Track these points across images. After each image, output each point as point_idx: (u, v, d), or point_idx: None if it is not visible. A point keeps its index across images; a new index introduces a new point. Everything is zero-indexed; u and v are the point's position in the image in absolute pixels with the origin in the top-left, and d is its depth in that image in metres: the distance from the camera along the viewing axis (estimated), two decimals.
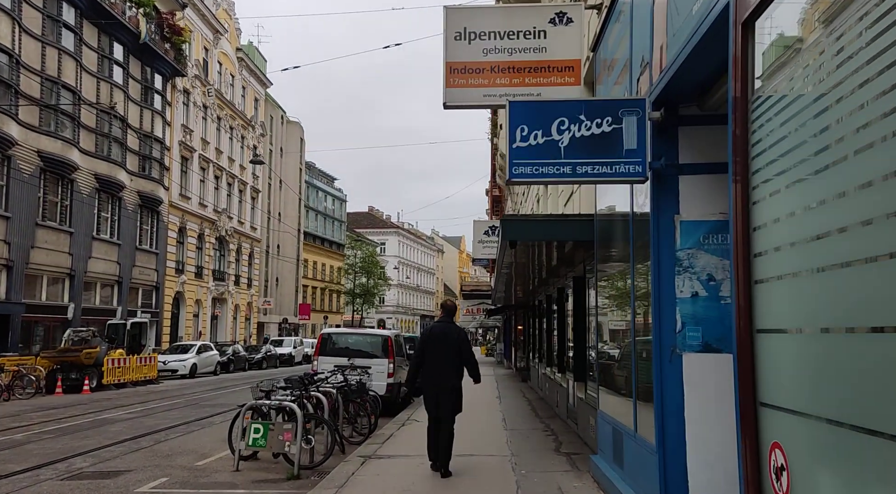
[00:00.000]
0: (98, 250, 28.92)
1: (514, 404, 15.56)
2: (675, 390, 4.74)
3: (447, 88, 7.94)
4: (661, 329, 4.81)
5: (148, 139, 32.67)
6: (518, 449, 9.05)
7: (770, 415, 2.93)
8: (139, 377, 22.49)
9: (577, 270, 9.99)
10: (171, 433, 11.42)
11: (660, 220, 4.86)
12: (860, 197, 2.23)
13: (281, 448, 8.23)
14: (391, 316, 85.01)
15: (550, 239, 7.61)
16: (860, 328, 2.24)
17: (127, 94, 30.73)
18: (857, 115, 2.26)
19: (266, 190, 51.07)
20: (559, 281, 12.08)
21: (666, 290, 4.82)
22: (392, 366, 14.44)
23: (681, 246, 4.83)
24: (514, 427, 11.31)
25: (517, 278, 13.63)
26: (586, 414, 9.31)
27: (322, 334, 15.12)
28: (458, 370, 7.62)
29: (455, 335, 7.69)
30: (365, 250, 70.55)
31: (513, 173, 4.85)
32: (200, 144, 38.98)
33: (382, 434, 10.73)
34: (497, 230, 23.44)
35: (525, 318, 23.63)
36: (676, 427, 4.70)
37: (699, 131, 4.83)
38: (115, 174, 29.58)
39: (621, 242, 6.31)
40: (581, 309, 9.53)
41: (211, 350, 30.02)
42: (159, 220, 34.39)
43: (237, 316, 45.14)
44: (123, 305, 30.59)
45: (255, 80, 48.74)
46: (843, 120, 2.36)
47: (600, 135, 4.76)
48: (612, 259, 6.74)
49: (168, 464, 8.66)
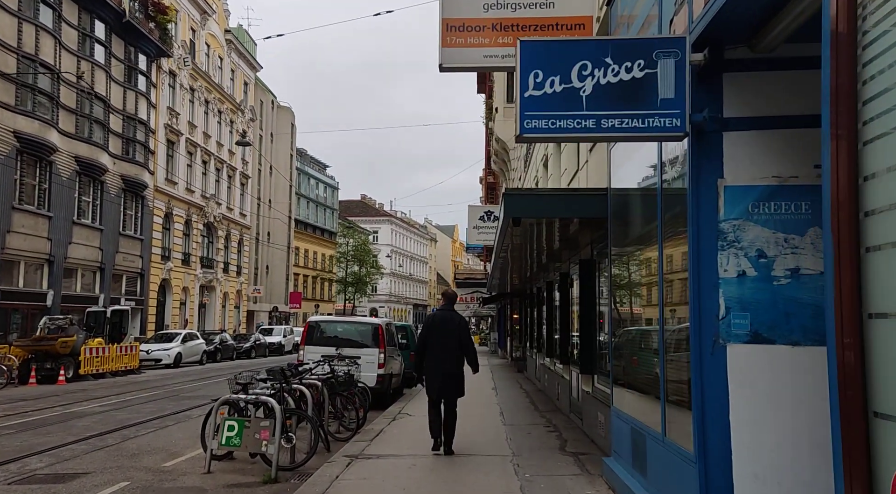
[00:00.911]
0: (79, 236, 27.93)
1: (511, 396, 14.82)
2: (718, 388, 3.95)
3: (444, 48, 7.09)
4: (701, 316, 4.02)
5: (132, 121, 31.59)
6: (519, 448, 8.28)
7: (891, 431, 2.13)
8: (119, 367, 21.61)
9: (583, 252, 9.19)
10: (142, 428, 10.60)
11: (699, 186, 4.06)
12: None
13: (257, 448, 7.42)
14: (383, 305, 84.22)
15: (559, 216, 6.80)
16: None
17: (109, 74, 29.63)
18: None
19: (256, 176, 50.02)
20: (562, 266, 11.29)
21: (707, 269, 4.02)
22: (383, 356, 13.64)
23: (725, 217, 4.02)
24: (514, 422, 10.55)
25: (514, 264, 12.83)
26: (594, 410, 8.54)
27: (309, 322, 14.28)
28: (459, 355, 8.04)
29: (456, 323, 8.14)
30: (357, 238, 69.63)
31: (524, 128, 4.03)
32: (187, 127, 37.89)
33: (372, 430, 9.95)
34: (492, 216, 22.62)
35: (521, 306, 22.87)
36: (720, 433, 3.92)
37: (749, 79, 4.02)
38: (96, 157, 28.53)
39: (644, 216, 5.50)
40: (589, 296, 8.73)
41: (197, 339, 29.15)
42: (144, 205, 33.37)
43: (226, 304, 44.23)
44: (106, 292, 29.64)
45: (245, 63, 47.57)
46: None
47: (630, 82, 3.94)
48: (630, 237, 5.93)
49: (132, 465, 7.84)
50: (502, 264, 13.24)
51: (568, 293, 10.82)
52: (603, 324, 7.63)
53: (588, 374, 8.80)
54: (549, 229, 8.76)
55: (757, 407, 3.89)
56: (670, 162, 4.59)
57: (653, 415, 4.99)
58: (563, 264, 11.27)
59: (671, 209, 4.64)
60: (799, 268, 3.91)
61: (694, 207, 4.07)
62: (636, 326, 5.74)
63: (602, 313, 7.72)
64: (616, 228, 6.39)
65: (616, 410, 6.21)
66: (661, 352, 4.70)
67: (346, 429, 10.38)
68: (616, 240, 6.37)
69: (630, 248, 5.97)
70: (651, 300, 5.21)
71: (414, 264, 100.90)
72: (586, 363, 8.76)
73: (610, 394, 6.66)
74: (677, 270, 4.52)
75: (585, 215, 6.68)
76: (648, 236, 5.27)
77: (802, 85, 3.81)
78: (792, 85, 3.93)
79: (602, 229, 7.69)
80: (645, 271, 5.48)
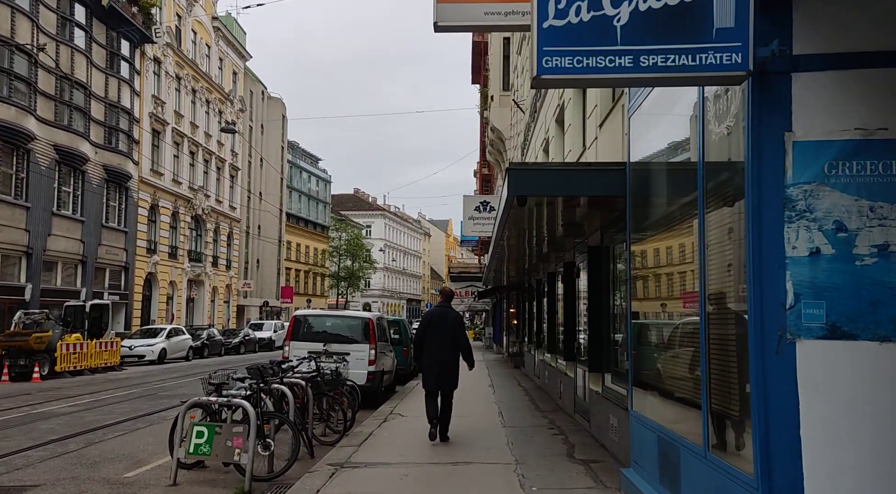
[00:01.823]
0: (59, 227, 26.92)
1: (509, 394, 14.03)
2: (785, 395, 3.14)
3: (439, 3, 6.23)
4: (763, 306, 3.21)
5: (114, 109, 30.54)
6: (523, 454, 7.47)
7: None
8: (99, 364, 20.68)
9: (592, 239, 8.37)
10: (109, 432, 9.73)
11: (761, 142, 3.24)
12: None
13: (229, 457, 6.58)
14: (377, 300, 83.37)
15: (571, 194, 5.98)
16: None
17: (90, 59, 28.57)
18: None
19: (246, 168, 48.98)
20: (566, 255, 10.48)
21: (770, 247, 3.21)
22: (374, 352, 12.81)
23: (793, 180, 3.21)
24: (514, 424, 9.75)
25: (513, 253, 12.01)
26: (604, 411, 7.74)
27: (294, 316, 13.42)
28: (454, 349, 8.40)
29: (452, 319, 8.53)
30: (350, 232, 68.70)
31: (543, 68, 3.19)
32: (174, 116, 36.84)
33: (360, 433, 9.13)
34: (488, 206, 21.78)
35: (519, 300, 22.07)
36: (788, 452, 3.12)
37: (826, 6, 3.19)
38: (77, 146, 27.50)
39: (675, 190, 4.69)
40: (597, 286, 7.93)
41: (182, 334, 28.20)
42: (128, 196, 32.35)
43: (215, 299, 43.26)
44: (88, 286, 28.66)
45: (234, 52, 46.47)
46: None
47: (678, 6, 3.11)
48: (656, 217, 5.12)
49: (89, 476, 6.99)
50: (500, 255, 12.42)
51: (573, 284, 10.02)
52: (617, 317, 6.82)
53: (597, 372, 8.00)
54: (552, 213, 7.93)
55: (835, 420, 3.09)
56: (717, 117, 3.76)
57: (690, 424, 4.19)
58: (567, 252, 10.46)
59: (717, 177, 3.83)
60: (889, 244, 3.11)
61: (754, 169, 3.25)
62: (664, 319, 4.93)
63: (615, 305, 6.90)
64: (637, 207, 5.57)
65: (637, 415, 5.41)
66: (704, 350, 3.89)
67: (332, 431, 9.56)
68: (637, 221, 5.55)
69: (655, 229, 5.16)
70: (686, 288, 4.40)
71: (408, 258, 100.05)
72: (595, 360, 7.95)
73: (627, 396, 5.86)
74: (725, 250, 3.70)
75: (601, 192, 5.86)
76: (682, 214, 4.45)
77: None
78: (881, 13, 3.11)
79: (614, 210, 6.87)
80: (676, 255, 4.67)
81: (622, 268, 6.62)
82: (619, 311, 6.79)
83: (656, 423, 4.89)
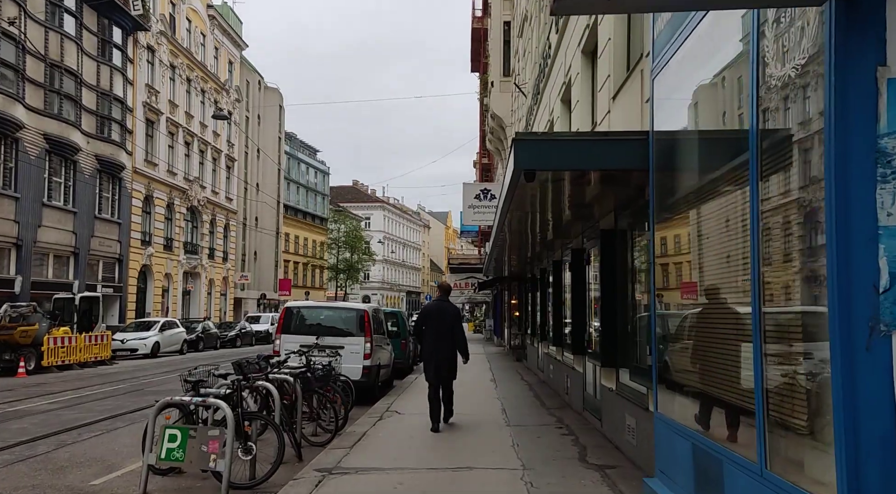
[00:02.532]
0: (49, 218, 26.24)
1: (512, 389, 13.37)
2: (879, 402, 2.46)
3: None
4: (850, 289, 2.52)
5: (106, 98, 29.80)
6: (530, 458, 6.80)
7: None
8: (88, 358, 20.04)
9: (604, 221, 7.68)
10: (85, 432, 9.08)
11: (846, 78, 2.54)
12: None
13: (204, 463, 5.91)
14: (376, 292, 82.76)
15: (586, 168, 5.28)
16: None
17: (80, 46, 27.81)
18: None
19: (243, 159, 48.24)
20: (574, 241, 9.80)
21: (858, 214, 2.52)
22: (370, 346, 12.14)
23: (889, 128, 2.51)
24: (519, 422, 9.08)
25: (516, 240, 11.32)
26: (619, 410, 7.07)
27: (286, 307, 12.73)
28: (452, 341, 8.70)
29: (449, 312, 8.81)
30: (349, 224, 68.01)
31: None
32: (168, 106, 36.08)
33: (354, 433, 8.47)
34: (489, 194, 21.06)
35: (521, 291, 21.40)
36: (883, 471, 2.43)
37: None
38: (67, 135, 26.79)
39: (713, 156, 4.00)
40: (611, 274, 7.24)
41: (176, 327, 27.55)
42: (122, 187, 31.65)
43: (212, 292, 42.60)
44: (81, 278, 28.00)
45: (230, 41, 45.63)
46: None
47: None
48: (688, 190, 4.42)
49: (52, 484, 6.33)
50: (502, 242, 11.73)
51: (582, 273, 9.33)
52: (636, 308, 6.13)
53: (610, 367, 7.32)
54: (561, 192, 7.23)
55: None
56: (778, 57, 3.06)
57: (737, 433, 3.51)
58: (575, 238, 9.77)
59: (776, 134, 3.13)
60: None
61: (838, 116, 2.55)
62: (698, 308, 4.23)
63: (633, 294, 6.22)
64: (663, 181, 4.87)
65: (664, 418, 4.73)
66: (758, 345, 3.20)
67: (324, 430, 8.91)
68: (663, 197, 4.86)
69: (687, 205, 4.46)
70: (730, 270, 3.70)
71: (407, 250, 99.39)
72: (608, 354, 7.27)
73: (651, 396, 5.18)
74: (790, 223, 3.01)
75: (622, 165, 5.16)
76: (725, 184, 3.76)
77: None
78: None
79: (632, 188, 6.18)
80: (714, 232, 3.98)
81: (642, 254, 5.94)
82: (637, 301, 6.11)
83: (690, 428, 4.21)
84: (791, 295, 3.03)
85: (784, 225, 3.06)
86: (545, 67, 14.17)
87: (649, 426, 5.80)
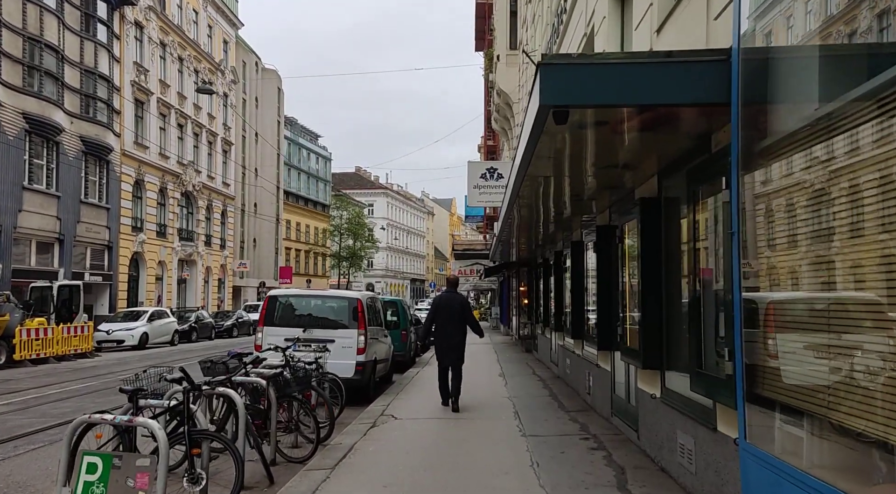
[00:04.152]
0: (31, 203, 24.84)
1: (524, 385, 11.97)
2: None
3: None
4: None
5: (91, 76, 28.28)
6: (556, 485, 5.38)
7: None
8: (67, 351, 18.71)
9: (644, 188, 6.22)
10: (24, 444, 7.69)
11: None
12: None
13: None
14: (380, 280, 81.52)
15: (642, 103, 3.79)
16: None
17: (62, 20, 26.27)
18: None
19: (240, 143, 46.70)
20: (597, 217, 8.34)
21: None
22: (363, 339, 10.73)
23: None
24: (537, 431, 7.66)
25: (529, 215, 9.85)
26: (666, 423, 5.64)
27: (268, 296, 11.28)
28: (461, 329, 9.58)
29: (458, 302, 9.69)
30: (351, 210, 66.53)
31: None
32: (159, 86, 34.55)
33: (339, 446, 7.09)
34: (496, 172, 19.56)
35: (531, 276, 19.94)
36: None
37: None
38: (48, 114, 25.32)
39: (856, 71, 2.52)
40: (652, 254, 5.80)
41: (167, 317, 26.23)
42: (110, 170, 30.20)
43: (209, 280, 41.27)
44: (67, 266, 26.65)
45: (224, 19, 43.95)
46: None
47: None
48: (801, 124, 2.94)
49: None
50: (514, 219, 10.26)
51: (608, 254, 7.87)
52: (697, 293, 4.67)
53: (653, 370, 5.88)
54: (574, 166, 5.78)
55: None
56: None
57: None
58: (601, 212, 8.31)
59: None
60: None
61: None
62: (836, 299, 2.78)
63: (695, 277, 4.75)
64: (756, 118, 3.40)
65: (761, 454, 3.29)
66: None
67: (307, 440, 7.52)
68: (753, 141, 3.39)
69: (794, 147, 2.99)
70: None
71: (411, 238, 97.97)
72: (651, 353, 5.82)
73: (724, 414, 3.75)
74: None
75: (694, 98, 3.69)
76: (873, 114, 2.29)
77: None
78: None
79: (688, 137, 4.72)
80: (845, 189, 2.52)
81: (707, 221, 4.47)
82: (697, 286, 4.64)
83: (818, 480, 2.77)
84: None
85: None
86: (559, 25, 12.65)
87: (718, 453, 4.37)
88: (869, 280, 2.58)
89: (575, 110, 3.91)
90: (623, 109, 3.95)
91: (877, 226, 2.48)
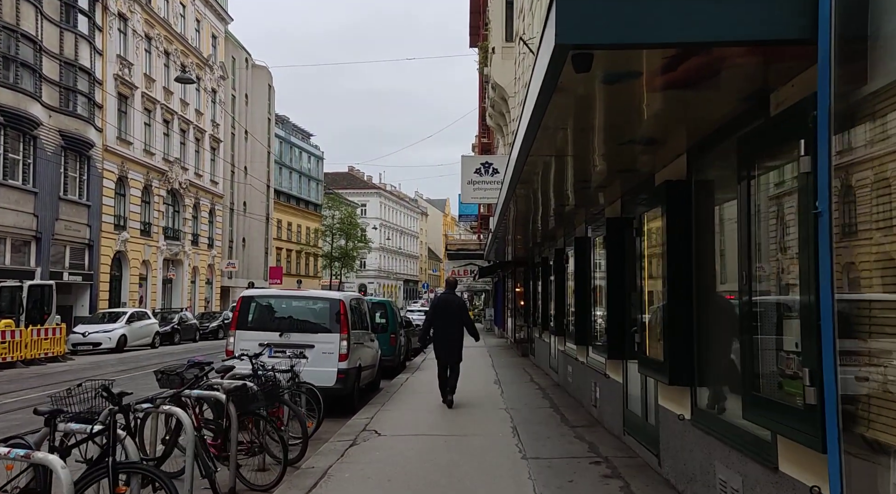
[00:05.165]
0: (5, 199, 23.77)
1: (522, 395, 11.01)
2: None
3: None
4: None
5: (71, 68, 27.20)
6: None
7: None
8: (37, 354, 17.64)
9: (667, 171, 5.27)
10: None
11: None
12: None
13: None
14: (373, 281, 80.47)
15: (696, 41, 2.85)
16: None
17: (40, 9, 25.20)
18: None
19: (229, 140, 45.61)
20: (607, 209, 7.39)
21: None
22: (346, 344, 9.75)
23: None
24: (540, 453, 6.69)
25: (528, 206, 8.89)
26: (700, 452, 4.69)
27: (242, 296, 10.27)
28: (459, 328, 9.92)
29: (456, 303, 10.12)
30: (344, 210, 65.48)
31: None
32: (143, 81, 33.46)
33: (311, 470, 6.14)
34: (491, 167, 18.61)
35: (527, 277, 18.99)
36: None
37: None
38: (24, 106, 24.23)
39: None
40: (680, 247, 4.85)
41: (147, 319, 25.15)
42: (91, 166, 29.11)
43: (196, 280, 40.16)
44: (44, 265, 25.56)
45: (213, 13, 42.87)
46: None
47: None
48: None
49: None
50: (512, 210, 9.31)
51: (621, 249, 6.92)
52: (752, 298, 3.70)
53: (682, 386, 4.93)
54: (591, 125, 4.83)
55: None
56: None
57: None
58: (611, 204, 7.37)
59: None
60: None
61: None
62: None
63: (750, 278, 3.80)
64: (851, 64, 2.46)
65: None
66: None
67: (276, 461, 6.53)
68: (860, 83, 2.46)
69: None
70: None
71: (404, 238, 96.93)
72: (679, 366, 4.86)
73: (830, 471, 2.80)
74: None
75: (769, 33, 2.74)
76: None
77: None
78: None
79: (732, 101, 3.78)
80: None
81: (769, 206, 3.52)
82: (755, 284, 3.68)
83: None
84: None
85: None
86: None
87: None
88: None
89: (602, 53, 2.96)
90: (669, 50, 2.99)
91: None
